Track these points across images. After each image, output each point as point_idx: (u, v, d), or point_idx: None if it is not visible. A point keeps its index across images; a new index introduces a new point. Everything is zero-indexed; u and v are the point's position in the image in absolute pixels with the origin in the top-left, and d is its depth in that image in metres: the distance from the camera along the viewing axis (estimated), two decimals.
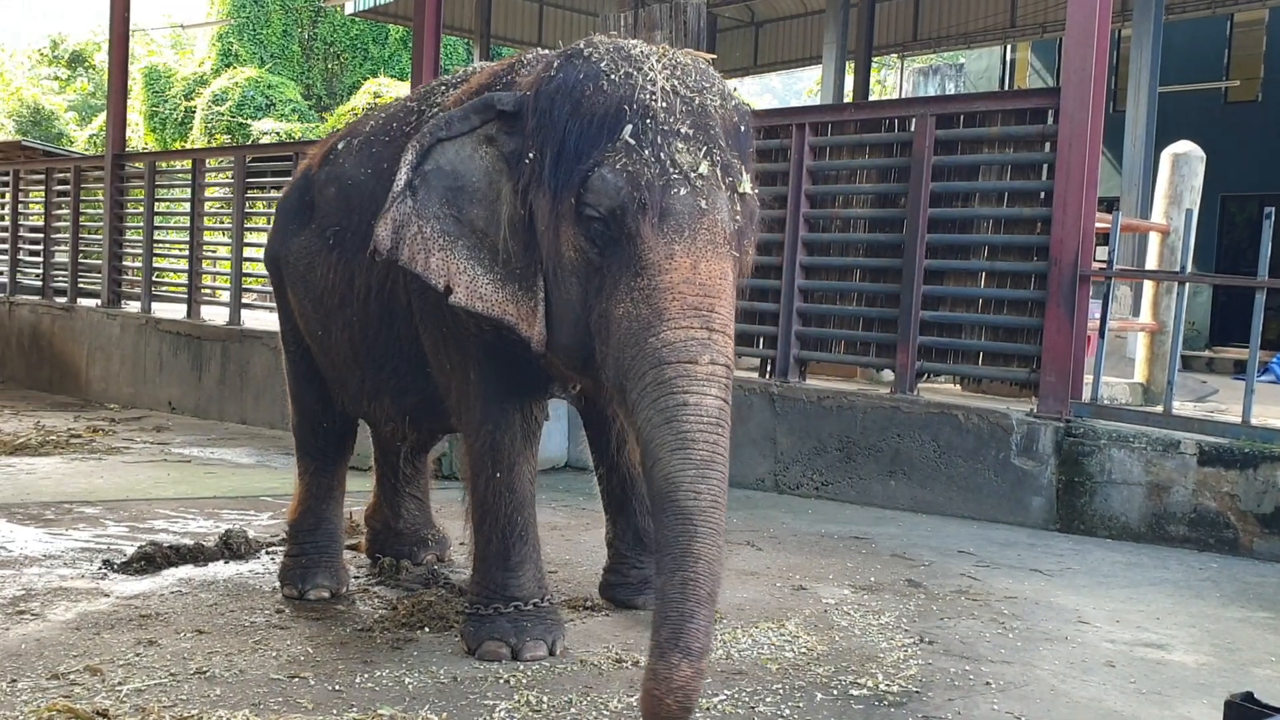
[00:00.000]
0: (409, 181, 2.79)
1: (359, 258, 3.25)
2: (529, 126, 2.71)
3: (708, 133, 2.62)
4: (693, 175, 2.55)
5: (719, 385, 2.44)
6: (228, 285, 8.86)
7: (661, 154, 2.54)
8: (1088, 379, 5.26)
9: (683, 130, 2.59)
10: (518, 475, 3.12)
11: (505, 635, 3.09)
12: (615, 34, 3.55)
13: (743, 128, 2.77)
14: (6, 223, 12.08)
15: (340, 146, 3.54)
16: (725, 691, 2.88)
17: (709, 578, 2.30)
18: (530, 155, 2.70)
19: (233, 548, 4.24)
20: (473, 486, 3.17)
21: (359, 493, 4.44)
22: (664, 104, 2.59)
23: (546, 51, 3.06)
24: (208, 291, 9.29)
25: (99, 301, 10.31)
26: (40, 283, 11.46)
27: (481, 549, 3.20)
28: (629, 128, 2.56)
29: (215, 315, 9.03)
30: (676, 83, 2.65)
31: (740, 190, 2.63)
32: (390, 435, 3.87)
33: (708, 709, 2.76)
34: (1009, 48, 18.29)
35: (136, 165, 10.28)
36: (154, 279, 9.71)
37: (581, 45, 2.76)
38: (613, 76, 2.63)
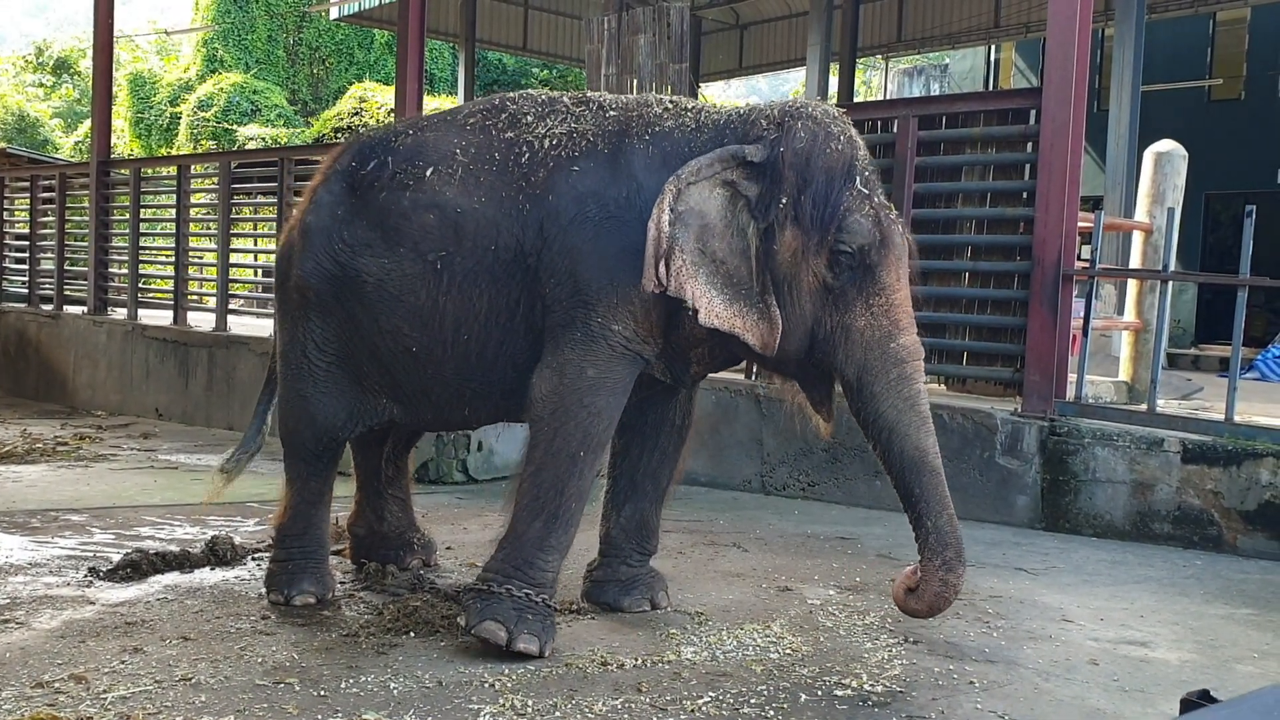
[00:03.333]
0: (670, 221, 3.17)
1: (480, 284, 3.45)
2: (783, 176, 3.21)
3: (879, 180, 3.35)
4: (894, 214, 3.29)
5: (924, 376, 3.27)
6: (214, 291, 8.85)
7: (878, 198, 3.26)
8: (1072, 378, 5.28)
9: (877, 177, 3.33)
10: (592, 465, 3.30)
11: (507, 619, 3.13)
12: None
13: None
14: None
15: (430, 174, 3.54)
16: (710, 693, 2.89)
17: (951, 510, 3.18)
18: (783, 200, 3.21)
19: (219, 554, 4.23)
20: (543, 464, 3.25)
21: (341, 498, 4.43)
22: (865, 155, 3.31)
23: (668, 99, 3.62)
24: (194, 298, 9.28)
25: (85, 309, 10.28)
26: (26, 290, 11.42)
27: (525, 524, 3.25)
28: (859, 179, 3.23)
29: (201, 321, 9.01)
30: (861, 141, 3.33)
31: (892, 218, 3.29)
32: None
33: (692, 710, 2.77)
34: (993, 48, 18.35)
35: (122, 172, 10.25)
36: (140, 285, 9.67)
37: (800, 107, 3.33)
38: (841, 136, 3.25)
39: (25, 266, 11.48)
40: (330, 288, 3.69)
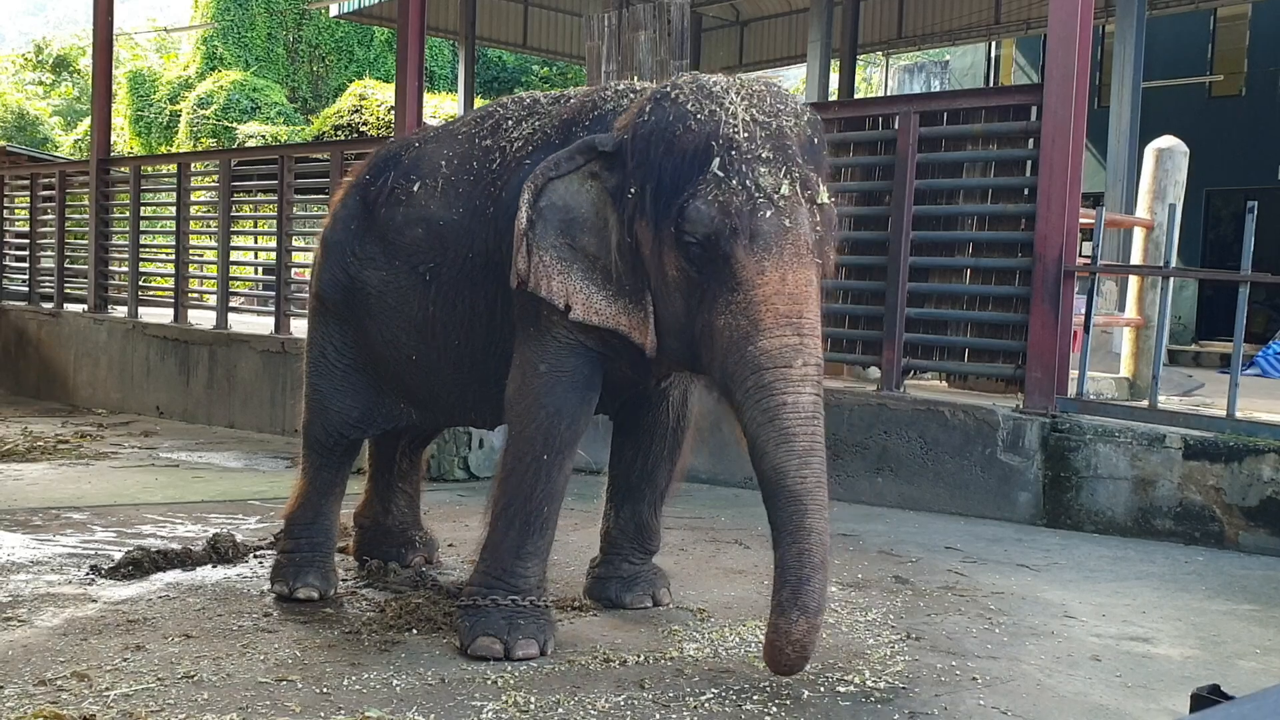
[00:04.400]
0: (529, 218, 3.08)
1: (461, 289, 3.47)
2: (629, 166, 3.01)
3: (785, 153, 2.92)
4: (775, 196, 2.86)
5: (811, 384, 2.86)
6: (214, 289, 8.85)
7: (747, 181, 2.86)
8: (1073, 374, 5.28)
9: (763, 155, 2.89)
10: (560, 467, 3.22)
11: (499, 632, 3.11)
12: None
13: (815, 140, 3.05)
14: None
15: (416, 189, 3.61)
16: (713, 690, 2.89)
17: (820, 546, 2.77)
18: (632, 190, 3.00)
19: (220, 552, 4.23)
20: (512, 468, 3.23)
21: (350, 495, 4.43)
22: (745, 134, 2.90)
23: (624, 85, 3.42)
24: (194, 295, 9.27)
25: (85, 306, 10.28)
26: (26, 288, 11.42)
27: (499, 534, 3.24)
28: (716, 160, 2.87)
29: (202, 319, 9.01)
30: (755, 111, 2.94)
31: (819, 201, 2.94)
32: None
33: (695, 707, 2.77)
34: (993, 45, 18.34)
35: (122, 170, 10.26)
36: (140, 283, 9.68)
37: (668, 87, 3.04)
38: (699, 115, 2.92)
39: (25, 264, 11.49)
40: (344, 298, 3.82)
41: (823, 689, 2.92)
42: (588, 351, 3.21)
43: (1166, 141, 6.17)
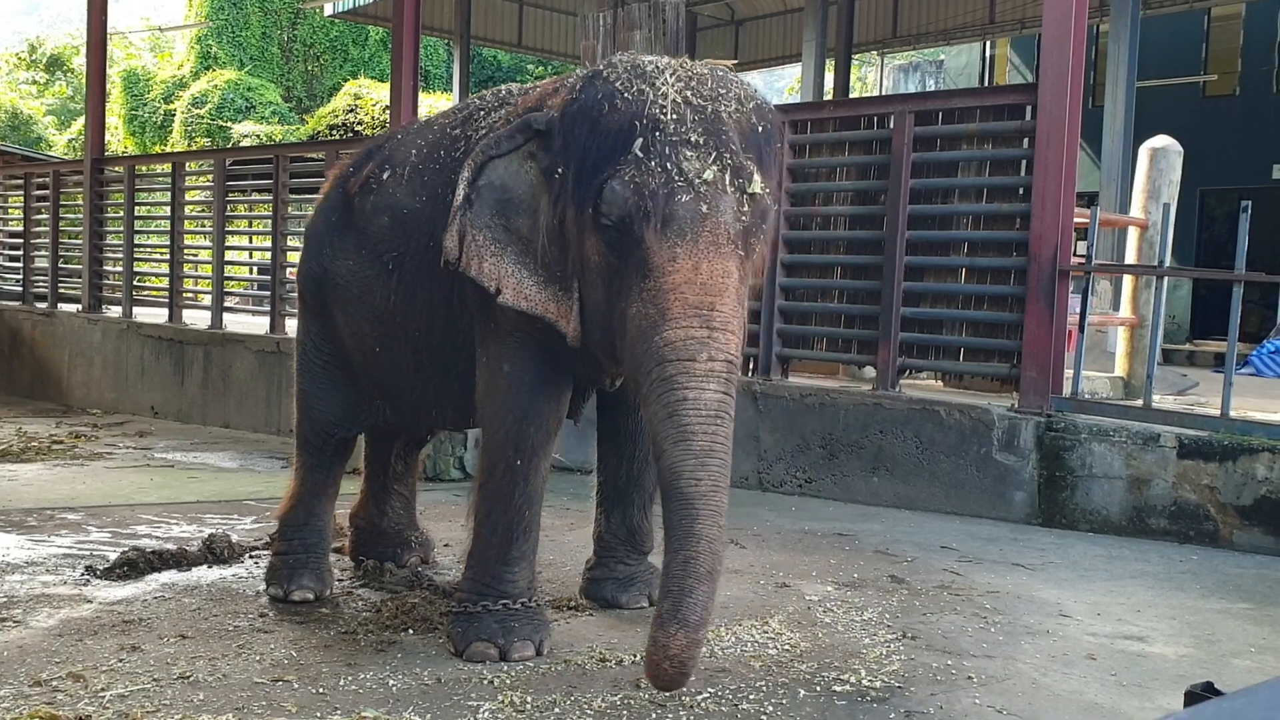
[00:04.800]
0: (466, 195, 3.02)
1: (420, 279, 3.42)
2: (556, 145, 2.93)
3: (718, 138, 2.77)
4: (696, 181, 2.71)
5: (718, 380, 2.64)
6: (209, 289, 8.83)
7: (668, 164, 2.72)
8: (1068, 374, 5.29)
9: (691, 139, 2.76)
10: (535, 469, 3.18)
11: (493, 636, 3.10)
12: (633, 51, 3.57)
13: (762, 128, 2.90)
14: None
15: (386, 177, 3.61)
16: (709, 689, 2.89)
17: (709, 555, 2.53)
18: (559, 171, 2.92)
19: (216, 552, 4.23)
20: (488, 475, 3.20)
21: (345, 495, 4.43)
22: (674, 116, 2.77)
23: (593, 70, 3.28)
24: (189, 295, 9.26)
25: (80, 306, 10.26)
26: (20, 288, 11.39)
27: (483, 540, 3.22)
28: (639, 141, 2.75)
29: (197, 319, 8.99)
30: (690, 93, 2.81)
31: (749, 191, 2.77)
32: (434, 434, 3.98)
33: (691, 706, 2.77)
34: (988, 44, 18.37)
35: (116, 169, 10.23)
36: (135, 283, 9.66)
37: (602, 66, 2.96)
38: (626, 94, 2.81)
39: (20, 264, 11.46)
40: (317, 290, 3.82)
41: (819, 688, 2.92)
42: (540, 347, 3.11)
43: (1161, 141, 6.19)
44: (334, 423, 3.86)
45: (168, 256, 9.22)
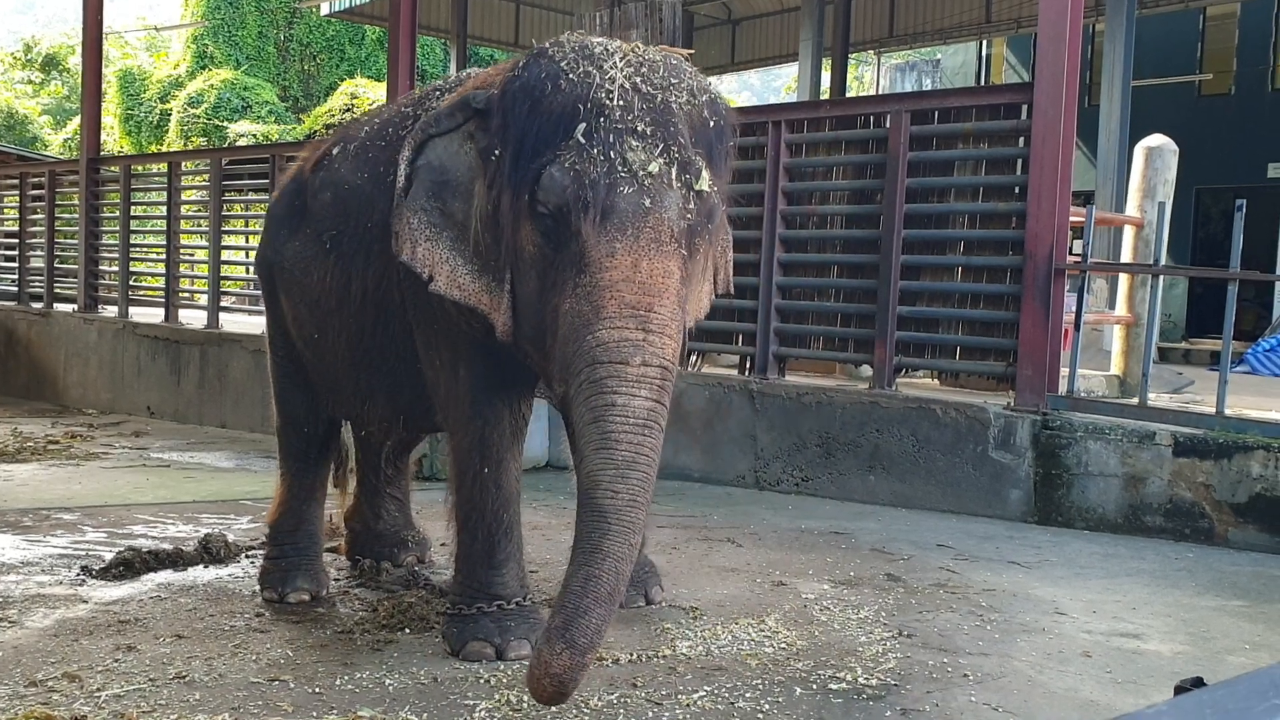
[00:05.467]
0: (406, 175, 2.89)
1: (355, 260, 3.32)
2: (494, 124, 2.77)
3: (666, 130, 2.64)
4: (641, 174, 2.56)
5: (650, 387, 2.47)
6: (205, 288, 8.83)
7: (612, 152, 2.57)
8: (1064, 372, 5.30)
9: (638, 128, 2.61)
10: (505, 472, 3.13)
11: (489, 635, 3.09)
12: (583, 32, 3.54)
13: (714, 123, 2.78)
14: None
15: (335, 152, 3.54)
16: (705, 687, 2.89)
17: (612, 575, 2.36)
18: (496, 152, 2.75)
19: (212, 552, 4.22)
20: (459, 484, 3.17)
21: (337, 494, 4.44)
22: (621, 102, 2.62)
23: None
24: (185, 295, 9.25)
25: (75, 306, 10.25)
26: (16, 288, 11.38)
27: (466, 547, 3.19)
28: (582, 126, 2.59)
29: (193, 319, 8.98)
30: (639, 80, 2.67)
31: (696, 188, 2.63)
32: (381, 435, 3.88)
33: (688, 704, 2.77)
34: (984, 43, 18.39)
35: (112, 169, 10.22)
36: (131, 283, 9.65)
37: (548, 45, 2.80)
38: (571, 75, 2.66)
39: (15, 264, 11.45)
40: (268, 275, 3.74)
41: (815, 686, 2.92)
42: (499, 350, 2.95)
43: (1156, 140, 6.19)
44: (302, 418, 3.79)
45: (164, 256, 9.22)
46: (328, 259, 3.42)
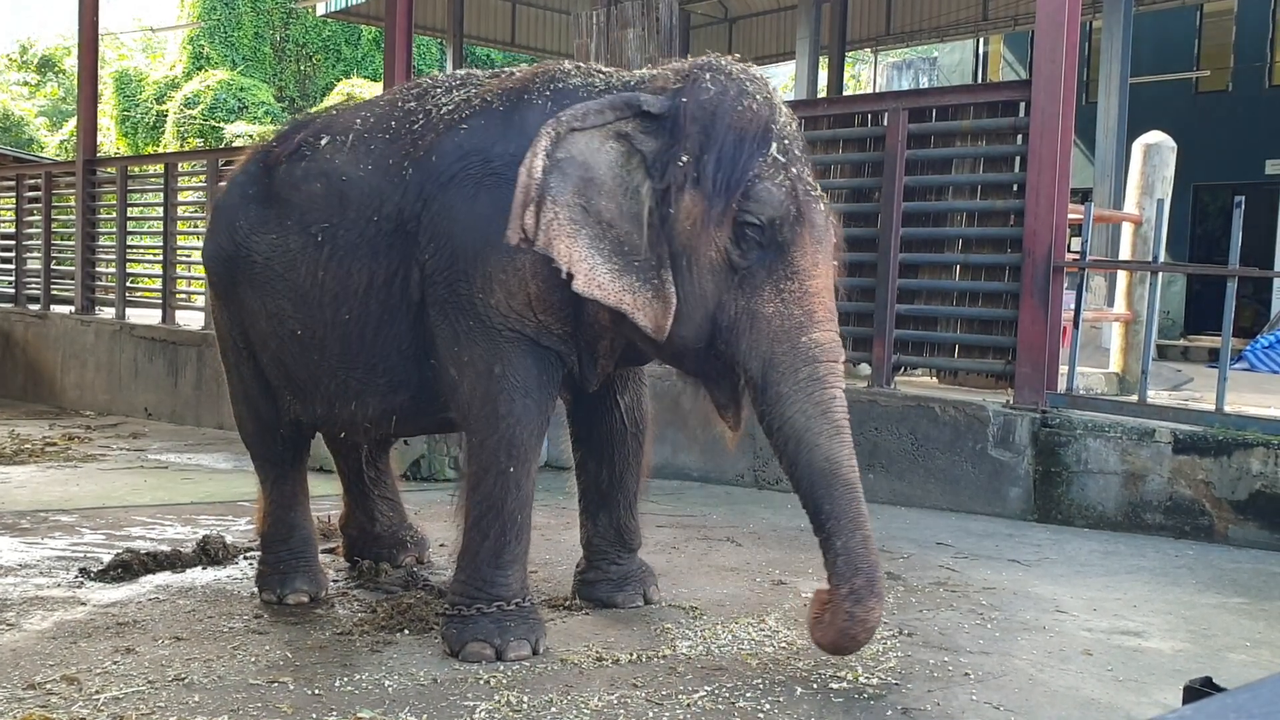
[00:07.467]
0: (544, 167, 2.85)
1: (357, 254, 3.26)
2: (684, 130, 2.87)
3: (806, 154, 2.98)
4: (816, 193, 2.92)
5: (843, 379, 2.93)
6: (202, 290, 8.81)
7: (801, 173, 2.89)
8: (1063, 369, 5.29)
9: (798, 150, 2.94)
10: (527, 473, 3.14)
11: (489, 636, 3.08)
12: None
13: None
14: None
15: (323, 143, 3.45)
16: (706, 687, 2.88)
17: (872, 534, 2.87)
18: (683, 159, 2.85)
19: (210, 553, 4.21)
20: (478, 481, 3.14)
21: (329, 496, 4.42)
22: (791, 126, 2.95)
23: (580, 65, 3.27)
24: (182, 296, 9.24)
25: (72, 308, 10.24)
26: (13, 290, 11.37)
27: (475, 545, 3.17)
28: (775, 145, 2.86)
29: (190, 320, 8.97)
30: (786, 107, 2.98)
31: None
32: (361, 437, 3.82)
33: (688, 704, 2.76)
34: (981, 41, 18.38)
35: (108, 170, 10.22)
36: (128, 284, 9.64)
37: (710, 60, 2.98)
38: (758, 96, 2.90)
39: (12, 266, 11.43)
40: (225, 271, 3.61)
41: (815, 686, 2.92)
42: (529, 344, 3.05)
43: (1154, 137, 6.19)
44: (274, 422, 3.70)
45: (161, 257, 9.20)
46: (319, 252, 3.34)
